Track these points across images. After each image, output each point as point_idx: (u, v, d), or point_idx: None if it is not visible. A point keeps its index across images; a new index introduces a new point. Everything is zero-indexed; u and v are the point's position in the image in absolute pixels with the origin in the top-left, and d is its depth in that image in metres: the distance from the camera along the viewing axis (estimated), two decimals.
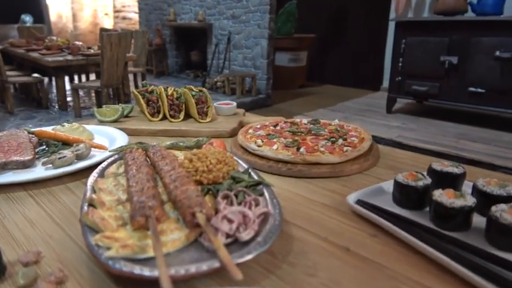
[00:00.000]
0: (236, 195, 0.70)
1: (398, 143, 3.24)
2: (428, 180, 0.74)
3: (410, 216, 0.71)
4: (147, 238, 0.58)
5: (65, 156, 0.96)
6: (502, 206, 0.62)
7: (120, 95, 4.72)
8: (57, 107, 4.91)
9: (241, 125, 1.38)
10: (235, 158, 0.91)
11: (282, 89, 6.60)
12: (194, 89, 1.42)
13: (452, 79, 3.62)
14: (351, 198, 0.77)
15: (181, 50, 7.63)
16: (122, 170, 0.84)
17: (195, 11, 6.71)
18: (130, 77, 5.84)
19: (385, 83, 4.41)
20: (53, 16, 9.42)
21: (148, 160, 0.86)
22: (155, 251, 0.52)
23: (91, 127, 1.27)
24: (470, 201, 0.65)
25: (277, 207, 0.67)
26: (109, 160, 0.91)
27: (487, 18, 3.39)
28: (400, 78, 3.95)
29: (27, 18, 8.49)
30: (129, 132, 1.30)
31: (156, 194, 0.67)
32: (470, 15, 3.74)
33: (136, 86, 5.82)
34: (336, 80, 7.07)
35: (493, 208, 0.62)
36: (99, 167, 0.86)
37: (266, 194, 0.73)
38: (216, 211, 0.66)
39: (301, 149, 1.00)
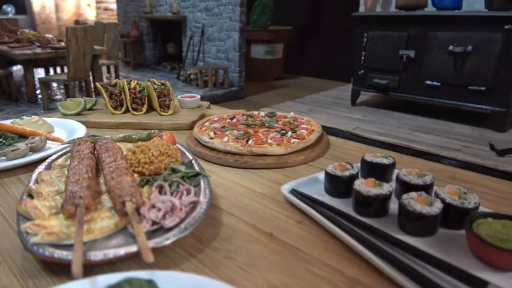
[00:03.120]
0: (170, 185, 0.74)
1: (355, 135, 3.34)
2: (355, 170, 0.79)
3: (337, 204, 0.76)
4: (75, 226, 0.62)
5: (18, 149, 0.99)
6: (412, 194, 0.67)
7: (89, 88, 4.70)
8: (27, 100, 4.87)
9: (202, 117, 1.41)
10: (182, 149, 0.95)
11: (258, 81, 6.64)
12: (157, 82, 1.44)
13: (410, 72, 3.70)
14: (285, 187, 0.81)
15: (158, 42, 7.60)
16: (69, 162, 0.87)
17: (170, 3, 6.69)
18: (104, 69, 5.78)
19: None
20: (36, 6, 9.27)
21: (96, 152, 0.89)
22: (75, 236, 0.55)
23: (53, 120, 1.29)
24: (386, 189, 0.70)
25: (207, 196, 0.71)
26: (60, 153, 0.94)
27: (442, 13, 3.45)
28: (362, 71, 4.03)
29: (9, 9, 8.36)
30: (91, 125, 1.33)
31: (91, 184, 0.70)
32: (431, 9, 3.79)
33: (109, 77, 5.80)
34: (313, 72, 7.10)
35: (404, 196, 0.67)
36: (48, 160, 0.89)
37: (202, 184, 0.76)
38: None
39: (250, 141, 1.04)
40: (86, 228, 0.62)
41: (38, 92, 4.78)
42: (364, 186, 0.71)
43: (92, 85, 4.75)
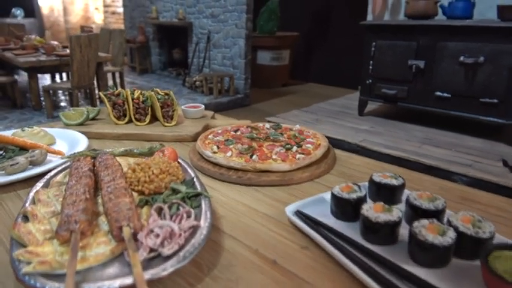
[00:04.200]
0: (170, 207, 0.71)
1: (362, 147, 3.25)
2: (363, 193, 0.76)
3: (344, 228, 0.72)
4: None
5: (17, 163, 0.97)
6: (424, 221, 0.64)
7: (93, 95, 4.63)
8: (32, 107, 4.83)
9: (206, 128, 1.39)
10: (184, 165, 0.92)
11: (264, 87, 6.57)
12: (160, 92, 1.42)
13: (420, 83, 3.60)
14: (290, 209, 0.78)
15: (164, 48, 7.57)
16: (67, 179, 0.85)
17: (176, 9, 6.66)
18: (109, 76, 5.74)
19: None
20: (45, 10, 9.34)
21: (95, 169, 0.86)
22: (68, 268, 0.53)
23: (54, 130, 1.28)
24: (395, 215, 0.67)
25: (208, 220, 0.68)
26: (59, 168, 0.92)
27: (453, 23, 3.37)
28: (370, 81, 3.94)
29: (18, 12, 8.44)
30: (93, 136, 1.31)
31: (88, 206, 0.68)
32: (441, 18, 3.71)
33: (115, 85, 5.75)
34: (319, 78, 7.02)
35: (415, 223, 0.64)
36: (47, 176, 0.87)
37: (203, 205, 0.73)
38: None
39: (254, 156, 1.01)
40: (81, 255, 0.59)
41: (42, 99, 4.76)
42: (373, 211, 0.68)
43: (97, 92, 4.70)
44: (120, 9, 8.65)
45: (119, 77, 5.74)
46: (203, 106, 1.51)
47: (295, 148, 1.07)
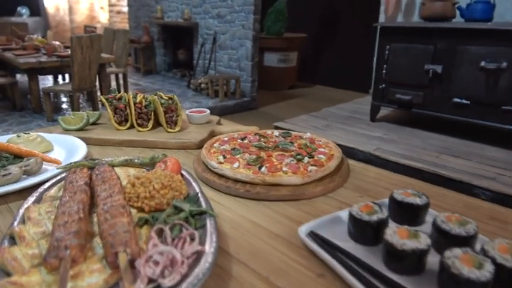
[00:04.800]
0: (172, 229, 0.65)
1: (376, 157, 3.10)
2: (384, 214, 0.68)
3: (364, 253, 0.66)
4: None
5: (10, 173, 0.91)
6: (456, 251, 0.57)
7: (95, 99, 4.48)
8: (31, 109, 4.70)
9: (211, 135, 1.32)
10: (188, 178, 0.85)
11: (271, 90, 6.46)
12: (164, 96, 1.36)
13: (437, 89, 3.44)
14: (303, 230, 0.71)
15: (169, 48, 7.46)
16: (61, 192, 0.78)
17: (182, 9, 6.55)
18: (112, 77, 5.63)
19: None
20: (50, 8, 9.33)
21: (92, 182, 0.80)
22: None
23: (53, 136, 1.21)
24: (423, 242, 0.60)
25: (213, 245, 0.61)
26: (53, 180, 0.85)
27: (473, 26, 3.21)
28: (383, 85, 3.78)
29: (24, 11, 8.43)
30: (93, 142, 1.25)
31: (81, 228, 0.61)
32: (459, 20, 3.56)
33: (118, 87, 5.66)
34: (328, 80, 6.88)
35: (447, 253, 0.57)
36: (39, 189, 0.81)
37: (208, 225, 0.67)
38: None
39: (263, 168, 0.94)
40: (71, 286, 0.52)
41: (43, 101, 4.65)
42: (397, 237, 0.61)
43: (99, 93, 4.56)
44: (125, 9, 8.60)
45: (122, 79, 5.61)
46: (208, 111, 1.44)
47: (306, 159, 1.00)
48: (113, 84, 5.76)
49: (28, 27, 6.81)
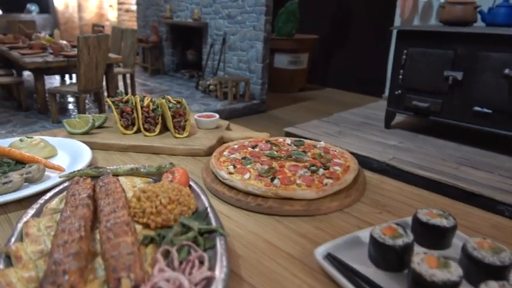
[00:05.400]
0: (179, 250, 0.60)
1: (392, 167, 2.99)
2: (410, 238, 0.63)
3: (387, 281, 0.60)
4: None
5: (10, 181, 0.86)
6: (493, 284, 0.51)
7: (101, 100, 4.37)
8: (37, 110, 4.63)
9: (221, 141, 1.27)
10: (197, 190, 0.81)
11: (281, 92, 6.36)
12: (172, 100, 1.31)
13: (456, 96, 3.31)
14: (320, 251, 0.66)
15: (177, 48, 7.37)
16: (63, 205, 0.74)
17: (191, 8, 6.47)
18: (120, 78, 5.57)
19: (387, 92, 4.01)
20: (60, 5, 9.36)
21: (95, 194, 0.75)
22: None
23: (57, 140, 1.18)
24: (455, 273, 0.54)
25: (224, 269, 0.56)
26: (55, 190, 0.81)
27: (496, 31, 3.07)
28: (400, 91, 3.65)
29: (33, 8, 8.46)
30: (98, 147, 1.21)
31: (82, 248, 0.57)
32: (480, 24, 3.43)
33: (125, 88, 5.60)
34: (339, 83, 6.76)
35: (482, 287, 0.51)
36: (40, 201, 0.76)
37: (218, 246, 0.62)
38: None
39: (276, 180, 0.89)
40: None
41: (48, 101, 4.55)
42: (426, 266, 0.55)
43: (106, 94, 4.47)
44: (134, 7, 8.57)
45: (129, 79, 5.55)
46: (217, 116, 1.40)
47: (321, 171, 0.95)
48: (120, 84, 5.71)
49: (36, 25, 6.76)
